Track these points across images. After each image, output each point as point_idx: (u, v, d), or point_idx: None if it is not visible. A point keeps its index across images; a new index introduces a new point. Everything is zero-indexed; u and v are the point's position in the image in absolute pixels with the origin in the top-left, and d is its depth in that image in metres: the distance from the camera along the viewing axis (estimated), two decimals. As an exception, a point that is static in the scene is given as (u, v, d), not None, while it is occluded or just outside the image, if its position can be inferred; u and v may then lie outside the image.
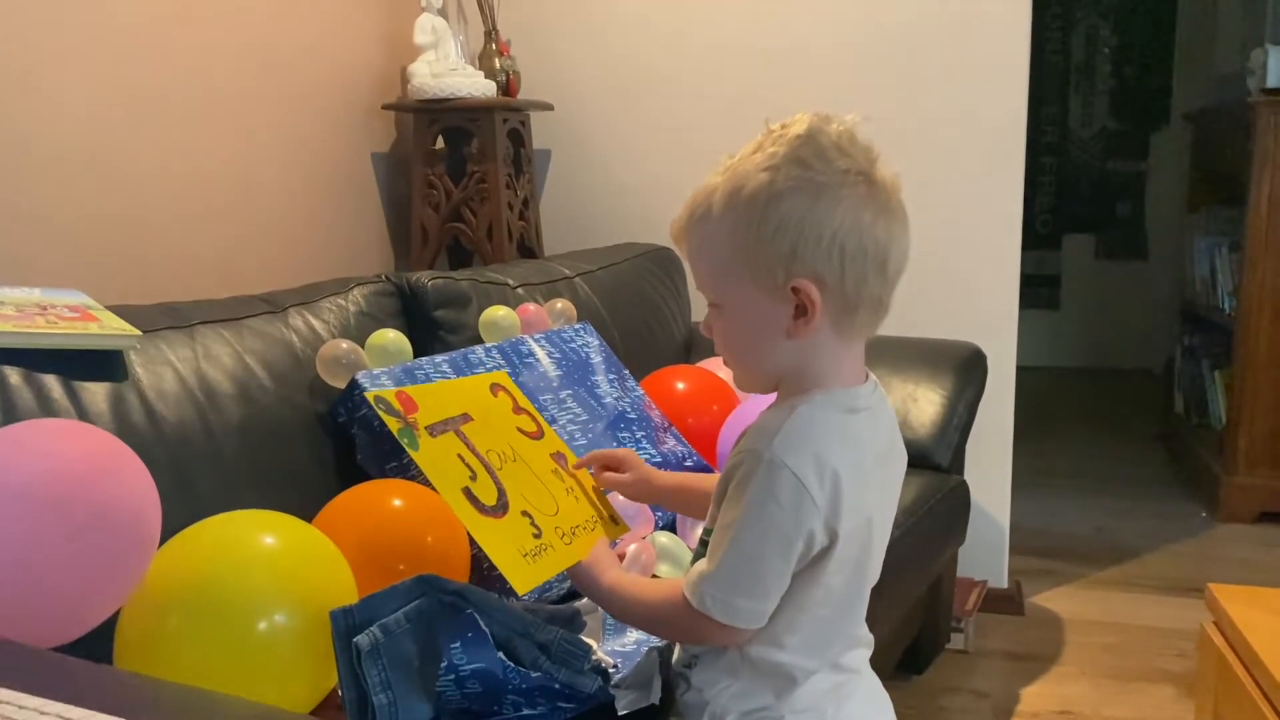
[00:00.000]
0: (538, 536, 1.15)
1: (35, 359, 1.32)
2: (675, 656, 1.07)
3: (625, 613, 1.07)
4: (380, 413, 1.32)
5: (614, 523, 1.25)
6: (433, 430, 1.24)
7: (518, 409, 1.37)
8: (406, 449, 1.23)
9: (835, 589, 0.96)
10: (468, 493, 1.18)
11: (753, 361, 0.97)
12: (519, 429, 1.33)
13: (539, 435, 1.34)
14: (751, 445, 0.93)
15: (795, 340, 0.93)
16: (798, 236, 0.90)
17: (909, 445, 2.49)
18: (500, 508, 1.18)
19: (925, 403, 2.26)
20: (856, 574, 0.99)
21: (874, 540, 0.99)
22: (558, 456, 1.31)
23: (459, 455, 1.22)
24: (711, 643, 0.98)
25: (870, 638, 1.05)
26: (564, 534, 1.17)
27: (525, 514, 1.18)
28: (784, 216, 0.90)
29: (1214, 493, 3.42)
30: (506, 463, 1.25)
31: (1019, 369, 2.65)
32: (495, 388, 1.40)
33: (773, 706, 0.98)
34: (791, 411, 0.93)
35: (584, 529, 1.19)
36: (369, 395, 1.39)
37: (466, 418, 1.29)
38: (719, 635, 0.96)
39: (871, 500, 0.98)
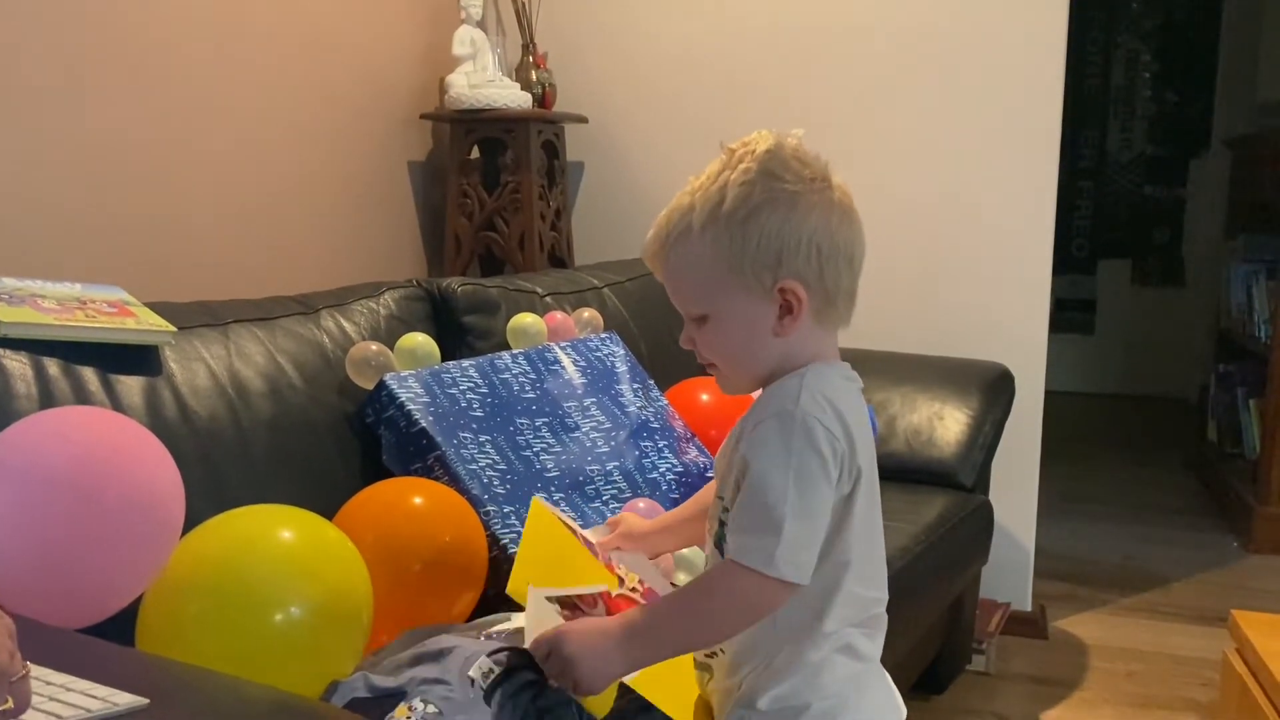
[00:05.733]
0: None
1: (74, 351, 1.35)
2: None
3: (660, 636, 1.02)
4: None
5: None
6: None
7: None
8: None
9: (854, 546, 1.01)
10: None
11: (746, 363, 1.03)
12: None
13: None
14: (779, 408, 0.98)
15: (782, 338, 1.01)
16: (780, 244, 0.98)
17: (934, 463, 2.47)
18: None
19: (951, 421, 2.26)
20: (871, 531, 1.04)
21: (878, 501, 1.05)
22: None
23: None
24: (768, 612, 0.99)
25: (885, 619, 1.07)
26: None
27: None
28: (765, 226, 0.98)
29: (1246, 523, 3.37)
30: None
31: (1051, 393, 2.64)
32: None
33: (799, 692, 1.00)
34: (805, 374, 1.00)
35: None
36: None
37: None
38: (784, 598, 0.98)
39: (872, 458, 1.04)
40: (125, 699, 0.78)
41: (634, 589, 1.20)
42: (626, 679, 1.07)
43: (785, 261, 0.98)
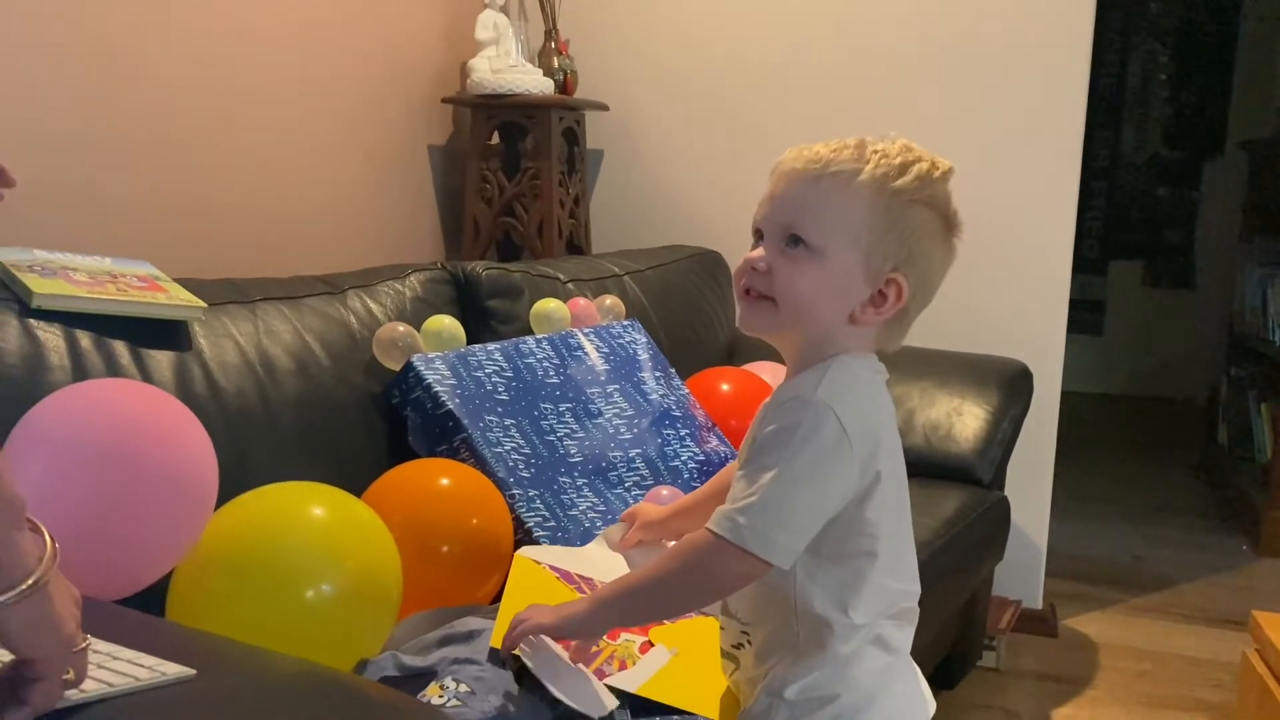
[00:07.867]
0: None
1: (105, 324, 1.35)
2: (721, 638, 1.08)
3: (630, 600, 1.03)
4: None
5: None
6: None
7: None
8: None
9: (880, 539, 1.01)
10: None
11: (803, 314, 1.02)
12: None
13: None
14: (797, 393, 0.99)
15: (850, 325, 1.02)
16: (915, 248, 1.01)
17: (952, 459, 2.46)
18: None
19: (970, 417, 2.26)
20: (898, 524, 1.04)
21: (906, 494, 1.05)
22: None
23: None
24: (736, 583, 1.01)
25: (916, 612, 1.07)
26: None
27: None
28: (917, 226, 1.01)
29: (1255, 526, 3.37)
30: None
31: (1060, 393, 2.63)
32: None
33: (828, 683, 1.00)
34: (830, 366, 1.01)
35: None
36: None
37: None
38: (747, 571, 0.98)
39: (898, 452, 1.04)
40: (173, 669, 0.78)
41: None
42: (637, 690, 1.08)
43: (911, 262, 1.01)
